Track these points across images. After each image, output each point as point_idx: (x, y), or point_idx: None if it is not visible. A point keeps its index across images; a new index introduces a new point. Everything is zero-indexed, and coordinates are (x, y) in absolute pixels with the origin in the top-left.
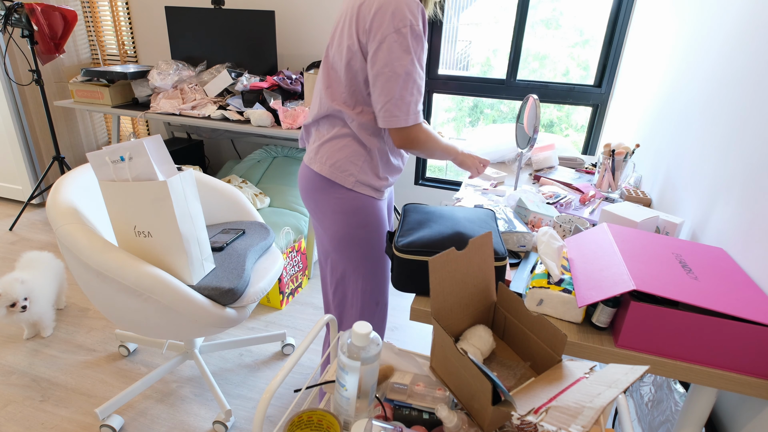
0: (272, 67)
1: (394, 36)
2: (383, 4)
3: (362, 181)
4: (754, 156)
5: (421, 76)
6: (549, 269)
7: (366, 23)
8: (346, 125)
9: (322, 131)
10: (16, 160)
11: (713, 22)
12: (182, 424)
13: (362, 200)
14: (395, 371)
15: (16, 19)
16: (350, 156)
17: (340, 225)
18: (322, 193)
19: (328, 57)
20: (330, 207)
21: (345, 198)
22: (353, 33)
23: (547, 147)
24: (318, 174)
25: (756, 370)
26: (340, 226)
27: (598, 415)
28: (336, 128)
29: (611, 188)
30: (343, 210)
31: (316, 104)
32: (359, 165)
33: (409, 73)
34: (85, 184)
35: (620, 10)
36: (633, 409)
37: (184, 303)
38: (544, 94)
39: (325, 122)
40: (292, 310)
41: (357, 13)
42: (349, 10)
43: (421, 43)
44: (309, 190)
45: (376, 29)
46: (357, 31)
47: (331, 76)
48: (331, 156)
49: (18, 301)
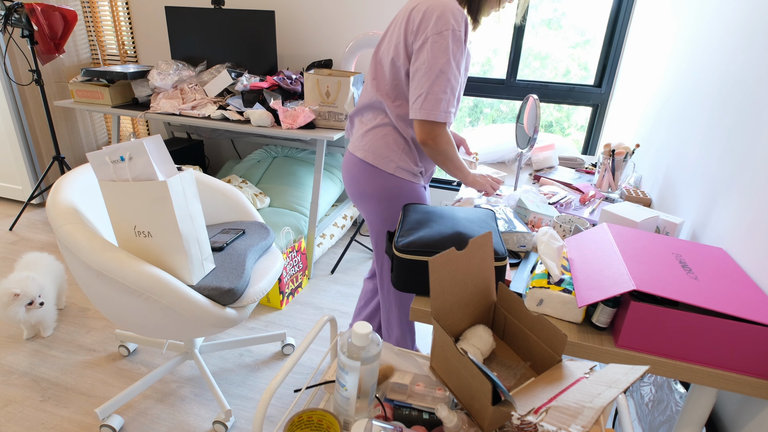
0: (272, 67)
1: (435, 37)
2: (431, 9)
3: (402, 167)
4: (754, 156)
5: (457, 79)
6: (549, 269)
7: (414, 25)
8: (387, 116)
9: (365, 120)
10: (16, 160)
11: (713, 21)
12: (182, 424)
13: (403, 184)
14: (395, 371)
15: (16, 19)
16: (391, 144)
17: (384, 207)
18: (365, 178)
19: (378, 53)
20: (372, 191)
21: (387, 182)
22: (401, 33)
23: (547, 147)
24: (362, 160)
25: (756, 370)
26: (384, 209)
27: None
28: (378, 118)
29: (611, 188)
30: (386, 193)
31: (362, 95)
32: (399, 152)
33: (444, 72)
34: (85, 184)
35: (620, 10)
36: (633, 409)
37: (184, 303)
38: (544, 94)
39: (369, 112)
40: (292, 310)
41: (408, 16)
42: (402, 14)
43: (460, 48)
44: (353, 176)
45: (422, 30)
46: (406, 31)
47: (378, 70)
48: (374, 143)
49: (35, 299)
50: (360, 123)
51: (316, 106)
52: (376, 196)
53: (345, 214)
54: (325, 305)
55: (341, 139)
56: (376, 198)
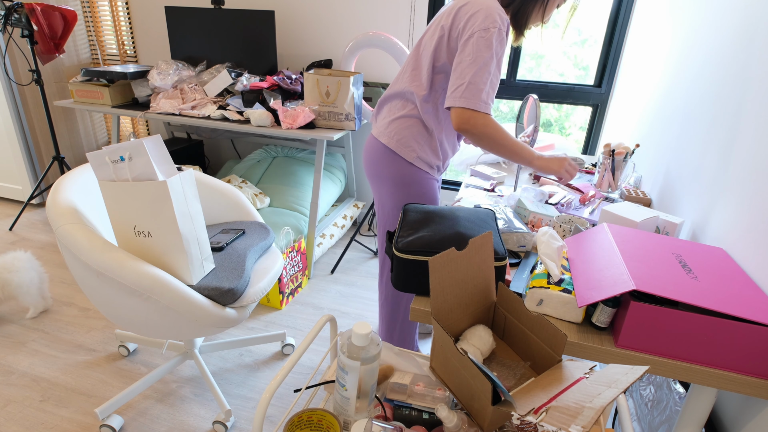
0: (272, 67)
1: (482, 32)
2: (480, 8)
3: (422, 158)
4: (754, 156)
5: (497, 76)
6: (549, 269)
7: (461, 22)
8: (416, 107)
9: (393, 109)
10: (16, 160)
11: (714, 21)
12: (182, 424)
13: (420, 174)
14: (395, 371)
15: (16, 19)
16: (415, 135)
17: (400, 194)
18: (384, 163)
19: (420, 45)
20: (389, 175)
21: (404, 170)
22: (447, 27)
23: (547, 147)
24: (385, 146)
25: (756, 370)
26: (397, 192)
27: (598, 415)
28: (406, 109)
29: (611, 188)
30: (403, 180)
31: (395, 83)
32: (421, 144)
33: (486, 65)
34: (85, 184)
35: (620, 10)
36: (633, 409)
37: (184, 303)
38: (543, 94)
39: (398, 101)
40: (292, 310)
41: (455, 13)
42: (448, 10)
43: (503, 46)
44: (374, 160)
45: (470, 26)
46: (451, 27)
47: (417, 62)
48: (399, 132)
49: None
50: (388, 110)
51: (315, 106)
52: (392, 180)
53: (345, 214)
54: (325, 305)
55: (341, 139)
56: (392, 182)
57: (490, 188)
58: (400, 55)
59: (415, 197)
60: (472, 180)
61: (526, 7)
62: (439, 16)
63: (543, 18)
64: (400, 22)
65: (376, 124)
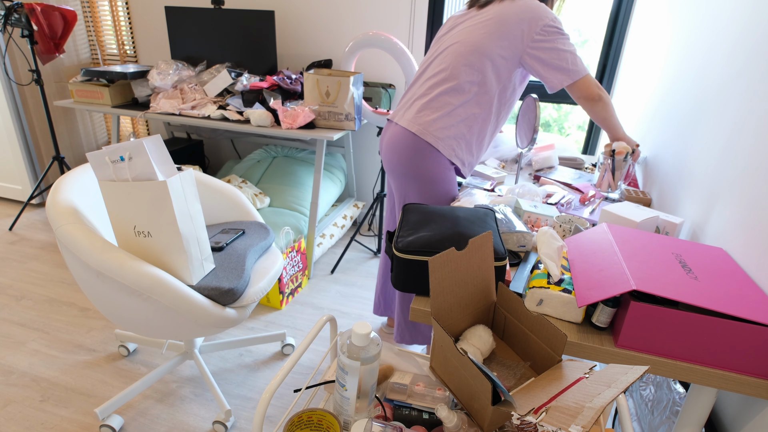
0: (272, 67)
1: (549, 22)
2: (533, 6)
3: (459, 156)
4: (754, 156)
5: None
6: (549, 269)
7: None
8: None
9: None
10: (16, 160)
11: (714, 21)
12: (182, 424)
13: (451, 173)
14: (395, 371)
15: (16, 19)
16: (463, 132)
17: (428, 191)
18: (420, 160)
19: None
20: (425, 173)
21: (440, 167)
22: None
23: (547, 147)
24: (426, 142)
25: (756, 370)
26: (428, 192)
27: (598, 415)
28: (456, 103)
29: (611, 188)
30: (437, 177)
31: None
32: (463, 141)
33: (567, 43)
34: (85, 184)
35: (620, 10)
36: (633, 409)
37: (184, 303)
38: (543, 94)
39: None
40: (291, 310)
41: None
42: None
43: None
44: (407, 156)
45: (536, 20)
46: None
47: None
48: (445, 129)
49: None
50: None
51: (315, 106)
52: (424, 177)
53: (345, 214)
54: (325, 305)
55: (341, 139)
56: (423, 179)
57: (490, 188)
58: (400, 55)
59: (441, 194)
60: (471, 180)
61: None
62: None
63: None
64: (400, 22)
65: (412, 119)
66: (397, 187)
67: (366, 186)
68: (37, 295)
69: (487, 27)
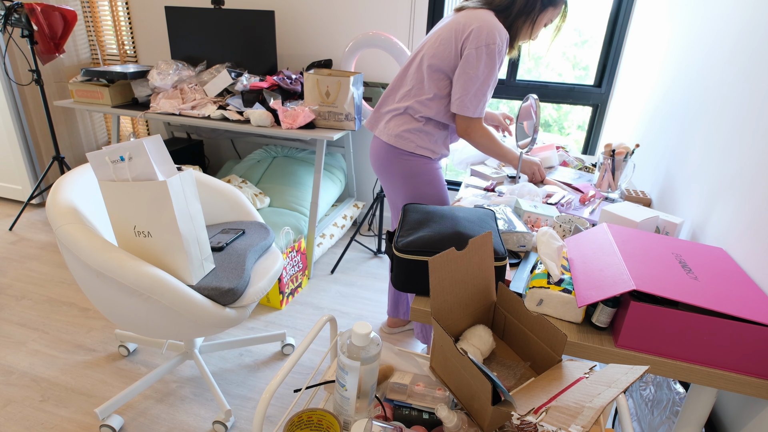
0: (272, 67)
1: (484, 48)
2: (482, 24)
3: (421, 146)
4: (754, 156)
5: (492, 86)
6: (549, 269)
7: (465, 33)
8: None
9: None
10: (16, 160)
11: (714, 21)
12: (182, 424)
13: (423, 162)
14: (395, 371)
15: (16, 19)
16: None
17: (409, 186)
18: (389, 159)
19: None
20: (398, 171)
21: (409, 162)
22: (451, 40)
23: (547, 147)
24: (386, 143)
25: (756, 370)
26: (409, 187)
27: (598, 415)
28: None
29: (611, 188)
30: (410, 171)
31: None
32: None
33: (487, 79)
34: (85, 184)
35: (620, 10)
36: (633, 409)
37: (184, 303)
38: (543, 94)
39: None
40: (291, 310)
41: (460, 28)
42: (449, 24)
43: (500, 60)
44: (380, 159)
45: (473, 41)
46: (456, 36)
47: (420, 72)
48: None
49: None
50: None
51: (315, 106)
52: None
53: (345, 214)
54: (325, 305)
55: (341, 139)
56: (400, 176)
57: (490, 188)
58: (400, 55)
59: (423, 186)
60: (472, 180)
61: (516, 25)
62: (438, 29)
63: (531, 35)
64: (400, 22)
65: (378, 127)
66: (384, 189)
67: (366, 186)
68: (37, 295)
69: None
